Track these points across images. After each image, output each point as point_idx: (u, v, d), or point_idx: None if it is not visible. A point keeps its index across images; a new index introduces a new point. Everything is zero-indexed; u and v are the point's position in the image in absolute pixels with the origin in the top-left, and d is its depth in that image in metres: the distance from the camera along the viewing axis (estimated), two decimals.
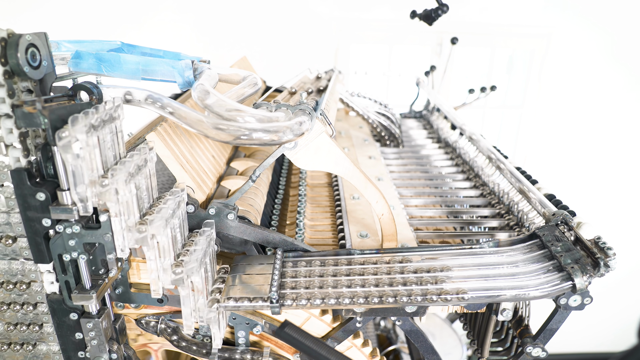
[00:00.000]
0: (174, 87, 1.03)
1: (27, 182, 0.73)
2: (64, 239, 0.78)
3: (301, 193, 1.37)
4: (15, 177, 0.73)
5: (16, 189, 0.73)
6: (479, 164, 1.50)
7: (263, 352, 1.02)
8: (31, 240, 0.78)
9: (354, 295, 0.87)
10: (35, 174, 0.74)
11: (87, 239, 0.78)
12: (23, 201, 0.74)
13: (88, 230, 0.78)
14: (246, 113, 0.86)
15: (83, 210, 0.74)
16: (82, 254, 0.79)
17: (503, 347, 1.19)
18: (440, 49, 3.15)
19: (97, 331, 0.85)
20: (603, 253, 0.87)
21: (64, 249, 0.78)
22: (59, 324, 0.86)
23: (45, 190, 0.74)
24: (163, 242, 0.79)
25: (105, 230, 0.78)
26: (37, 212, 0.75)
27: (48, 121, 0.69)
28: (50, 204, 0.74)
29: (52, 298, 0.85)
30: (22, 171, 0.72)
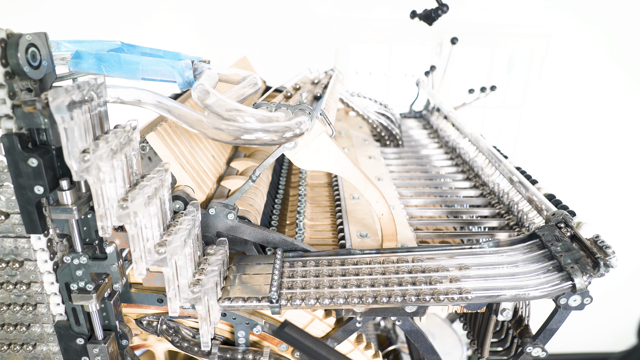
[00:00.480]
0: (174, 87, 1.03)
1: (19, 147, 0.70)
2: (71, 269, 0.80)
3: (301, 193, 1.37)
4: (6, 143, 0.70)
5: (7, 155, 0.71)
6: (479, 164, 1.50)
7: (263, 352, 1.02)
8: (23, 209, 0.75)
9: (355, 295, 0.87)
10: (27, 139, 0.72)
11: (94, 269, 0.80)
12: (14, 168, 0.71)
13: (95, 261, 0.80)
14: (246, 113, 0.86)
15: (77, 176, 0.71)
16: (89, 284, 0.81)
17: (503, 347, 1.19)
18: (440, 49, 3.15)
19: (103, 356, 0.87)
20: (602, 252, 0.87)
21: (71, 278, 0.81)
22: (66, 348, 0.88)
23: (37, 156, 0.71)
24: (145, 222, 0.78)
25: (112, 261, 0.80)
26: (29, 179, 0.72)
27: (48, 121, 0.69)
28: (42, 170, 0.72)
29: (60, 324, 0.87)
30: (13, 136, 0.70)
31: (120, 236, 0.81)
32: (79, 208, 0.75)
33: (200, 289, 0.83)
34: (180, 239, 0.81)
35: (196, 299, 0.82)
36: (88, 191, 0.77)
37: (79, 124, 0.69)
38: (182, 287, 0.82)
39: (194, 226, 0.89)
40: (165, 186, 0.86)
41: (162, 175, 0.86)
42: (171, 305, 0.82)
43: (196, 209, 0.91)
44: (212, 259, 0.91)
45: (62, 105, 0.65)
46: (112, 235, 0.80)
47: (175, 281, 0.80)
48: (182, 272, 0.81)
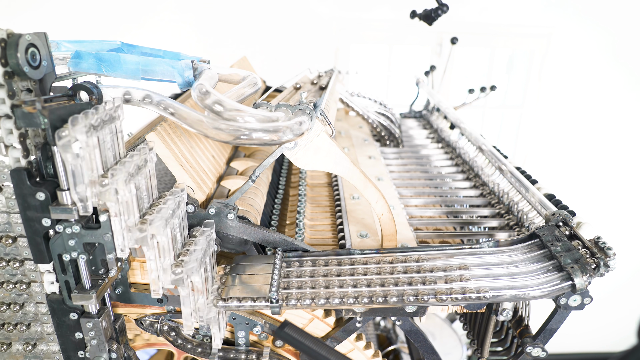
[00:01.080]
0: (174, 87, 1.03)
1: (27, 181, 0.73)
2: (63, 239, 0.78)
3: (301, 193, 1.37)
4: (15, 177, 0.73)
5: (16, 188, 0.73)
6: (479, 164, 1.50)
7: (263, 352, 1.02)
8: (31, 240, 0.78)
9: (355, 295, 0.87)
10: (35, 173, 0.74)
11: (87, 239, 0.78)
12: (23, 201, 0.74)
13: (88, 230, 0.78)
14: (246, 113, 0.86)
15: (83, 210, 0.74)
16: (82, 254, 0.79)
17: (503, 347, 1.19)
18: (440, 49, 3.15)
19: (97, 331, 0.85)
20: (603, 253, 0.87)
21: (64, 248, 0.79)
22: (59, 323, 0.86)
23: (45, 190, 0.74)
24: (163, 242, 0.79)
25: (105, 230, 0.78)
26: (36, 211, 0.75)
27: (48, 121, 0.69)
28: (50, 203, 0.74)
29: (52, 298, 0.85)
30: (21, 171, 0.73)
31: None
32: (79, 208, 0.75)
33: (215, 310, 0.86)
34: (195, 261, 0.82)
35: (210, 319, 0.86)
36: None
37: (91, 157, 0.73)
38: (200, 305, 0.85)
39: (209, 245, 0.90)
40: (181, 207, 0.89)
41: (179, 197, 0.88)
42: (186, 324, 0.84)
43: (210, 228, 0.92)
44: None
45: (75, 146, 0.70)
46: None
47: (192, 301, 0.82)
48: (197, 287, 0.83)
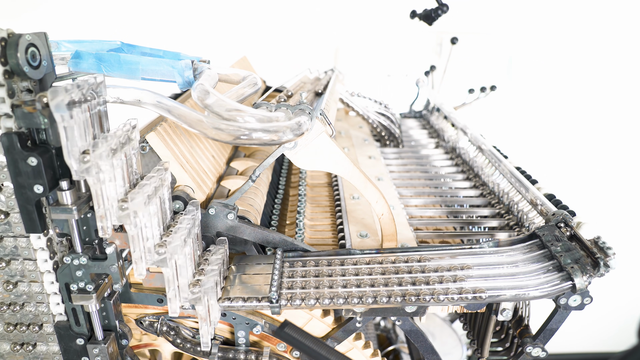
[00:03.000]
0: (174, 87, 1.03)
1: (18, 145, 0.70)
2: (71, 270, 0.80)
3: (301, 193, 1.37)
4: (5, 142, 0.70)
5: (7, 154, 0.70)
6: (479, 164, 1.50)
7: (263, 352, 1.02)
8: (22, 209, 0.75)
9: (355, 295, 0.87)
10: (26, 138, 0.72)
11: (94, 269, 0.80)
12: (14, 167, 0.71)
13: (95, 261, 0.80)
14: (246, 113, 0.86)
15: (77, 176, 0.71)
16: (89, 284, 0.81)
17: (503, 347, 1.19)
18: (440, 49, 3.15)
19: (103, 356, 0.87)
20: (603, 253, 0.87)
21: (71, 278, 0.81)
22: (66, 349, 0.88)
23: (36, 155, 0.71)
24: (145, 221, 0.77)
25: (112, 261, 0.80)
26: (28, 178, 0.72)
27: (48, 121, 0.69)
28: (41, 169, 0.71)
29: (60, 325, 0.87)
30: (12, 135, 0.69)
31: (120, 237, 0.80)
32: (78, 208, 0.75)
33: (200, 289, 0.83)
34: (180, 238, 0.81)
35: (196, 299, 0.82)
36: (88, 191, 0.77)
37: (78, 123, 0.69)
38: (182, 287, 0.82)
39: (194, 225, 0.89)
40: (165, 185, 0.86)
41: (162, 175, 0.86)
42: (171, 306, 0.82)
43: (196, 209, 0.91)
44: (212, 258, 0.91)
45: (61, 104, 0.65)
46: (112, 235, 0.80)
47: (175, 281, 0.80)
48: (182, 272, 0.81)
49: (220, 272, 0.91)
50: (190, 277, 0.85)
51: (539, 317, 1.04)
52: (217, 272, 0.88)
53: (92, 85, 0.75)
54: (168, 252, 0.78)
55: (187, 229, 0.85)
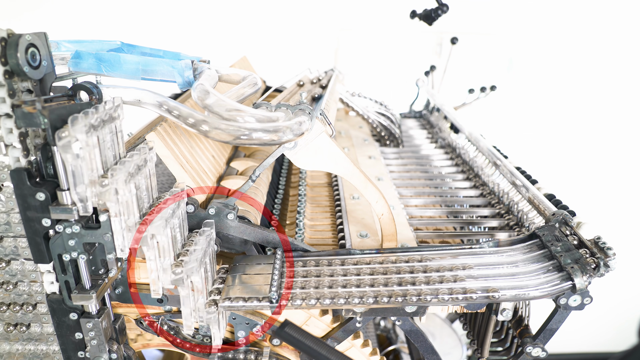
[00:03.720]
0: (174, 87, 1.03)
1: (27, 182, 0.73)
2: (63, 238, 0.78)
3: (301, 193, 1.37)
4: (15, 177, 0.73)
5: (16, 189, 0.73)
6: (479, 164, 1.50)
7: (263, 352, 1.02)
8: (31, 240, 0.78)
9: (355, 295, 0.87)
10: (35, 173, 0.74)
11: (87, 238, 0.78)
12: (23, 201, 0.74)
13: (88, 230, 0.78)
14: (246, 113, 0.86)
15: (83, 210, 0.74)
16: (82, 254, 0.79)
17: (503, 347, 1.19)
18: (440, 49, 3.15)
19: (97, 331, 0.85)
20: (603, 253, 0.87)
21: (64, 248, 0.78)
22: (59, 323, 0.86)
23: (45, 190, 0.73)
24: (163, 242, 0.79)
25: (105, 230, 0.78)
26: (36, 212, 0.75)
27: (48, 121, 0.69)
28: (50, 204, 0.74)
29: (52, 298, 0.85)
30: (21, 171, 0.72)
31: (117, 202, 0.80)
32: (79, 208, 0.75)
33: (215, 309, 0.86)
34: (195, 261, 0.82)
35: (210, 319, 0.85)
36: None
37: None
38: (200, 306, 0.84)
39: (209, 245, 0.90)
40: (181, 207, 0.88)
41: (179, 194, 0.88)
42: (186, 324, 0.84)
43: (210, 228, 0.92)
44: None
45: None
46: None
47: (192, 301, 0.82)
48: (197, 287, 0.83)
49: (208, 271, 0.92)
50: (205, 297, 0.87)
51: (539, 317, 1.04)
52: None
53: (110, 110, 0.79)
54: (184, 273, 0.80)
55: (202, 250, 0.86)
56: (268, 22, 2.93)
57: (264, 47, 2.97)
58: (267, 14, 2.92)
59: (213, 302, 0.86)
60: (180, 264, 0.80)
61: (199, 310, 0.84)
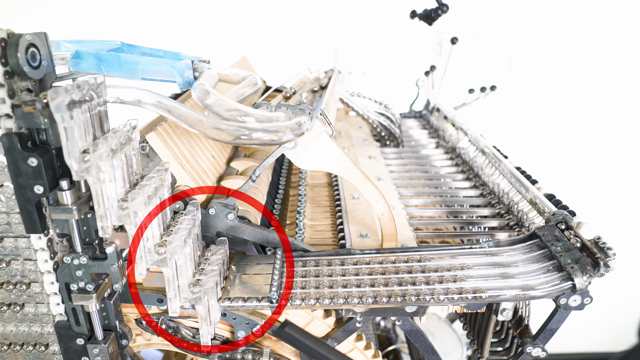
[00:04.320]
0: (174, 87, 1.03)
1: (19, 146, 0.70)
2: (71, 269, 0.80)
3: (301, 193, 1.37)
4: (6, 142, 0.69)
5: (7, 154, 0.70)
6: (479, 164, 1.50)
7: (263, 352, 1.02)
8: (22, 209, 0.75)
9: (355, 295, 0.87)
10: (26, 138, 0.72)
11: (94, 269, 0.80)
12: (14, 167, 0.71)
13: (95, 261, 0.80)
14: (246, 113, 0.86)
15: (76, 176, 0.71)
16: (89, 284, 0.81)
17: (503, 347, 1.19)
18: (440, 49, 3.15)
19: (103, 356, 0.87)
20: (603, 253, 0.87)
21: (71, 278, 0.81)
22: (66, 348, 0.88)
23: (37, 155, 0.71)
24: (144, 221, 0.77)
25: (112, 261, 0.80)
26: (28, 178, 0.72)
27: (48, 121, 0.69)
28: (42, 170, 0.71)
29: (60, 324, 0.87)
30: (13, 135, 0.69)
31: (120, 236, 0.81)
32: (79, 208, 0.75)
33: (200, 289, 0.83)
34: (180, 238, 0.81)
35: (196, 299, 0.82)
36: (88, 191, 0.77)
37: (78, 124, 0.69)
38: (182, 287, 0.82)
39: (194, 226, 0.89)
40: (165, 185, 0.86)
41: (162, 175, 0.86)
42: (171, 306, 0.82)
43: (196, 209, 0.91)
44: (212, 258, 0.91)
45: (61, 104, 0.65)
46: (112, 235, 0.80)
47: (175, 281, 0.81)
48: (182, 272, 0.81)
49: (221, 272, 0.91)
50: (190, 277, 0.85)
51: (539, 317, 1.04)
52: (218, 272, 0.88)
53: (92, 86, 0.75)
54: (168, 252, 0.78)
55: (187, 229, 0.85)
56: (268, 22, 2.93)
57: (264, 47, 2.97)
58: (267, 14, 2.91)
59: (197, 282, 0.85)
60: (164, 244, 0.80)
61: (183, 291, 0.83)
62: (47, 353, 0.92)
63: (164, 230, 0.86)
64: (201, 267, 0.90)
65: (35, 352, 0.91)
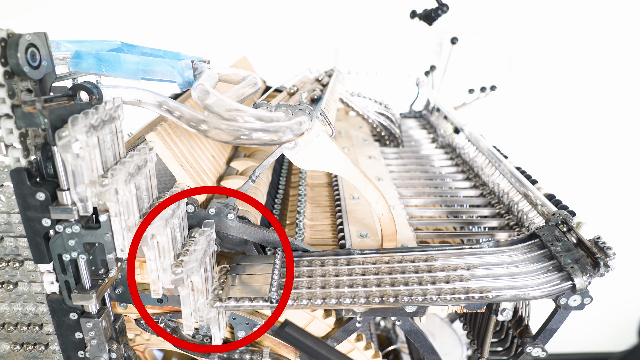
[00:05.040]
0: (174, 87, 1.03)
1: (27, 182, 0.73)
2: (63, 238, 0.78)
3: (301, 193, 1.37)
4: (15, 177, 0.73)
5: (16, 188, 0.73)
6: (479, 164, 1.50)
7: (263, 352, 1.02)
8: (31, 240, 0.78)
9: (355, 295, 0.87)
10: (35, 173, 0.74)
11: (87, 238, 0.78)
12: (23, 201, 0.74)
13: (88, 230, 0.78)
14: (246, 113, 0.86)
15: (83, 210, 0.74)
16: (82, 254, 0.79)
17: (503, 347, 1.19)
18: (440, 49, 3.15)
19: (97, 331, 0.85)
20: (603, 253, 0.87)
21: (64, 248, 0.78)
22: (59, 323, 0.86)
23: (45, 190, 0.73)
24: (163, 242, 0.79)
25: (105, 230, 0.78)
26: (36, 212, 0.75)
27: (48, 121, 0.69)
28: (50, 203, 0.74)
29: (52, 298, 0.85)
30: (22, 171, 0.72)
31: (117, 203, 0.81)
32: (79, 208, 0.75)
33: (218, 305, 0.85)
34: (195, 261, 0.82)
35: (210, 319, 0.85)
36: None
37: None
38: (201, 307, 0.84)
39: (209, 245, 0.90)
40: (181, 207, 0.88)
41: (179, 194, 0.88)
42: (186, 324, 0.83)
43: (210, 228, 0.92)
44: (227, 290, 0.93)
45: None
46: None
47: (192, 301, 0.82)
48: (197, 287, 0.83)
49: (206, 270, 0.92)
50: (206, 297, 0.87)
51: (539, 317, 1.04)
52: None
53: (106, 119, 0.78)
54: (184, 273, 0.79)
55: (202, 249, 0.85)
56: (268, 22, 2.93)
57: (264, 47, 2.97)
58: (267, 14, 2.92)
59: (214, 302, 0.86)
60: (180, 264, 0.80)
61: (199, 310, 0.84)
62: (47, 353, 0.92)
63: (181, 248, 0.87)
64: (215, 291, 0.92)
65: (35, 352, 0.91)
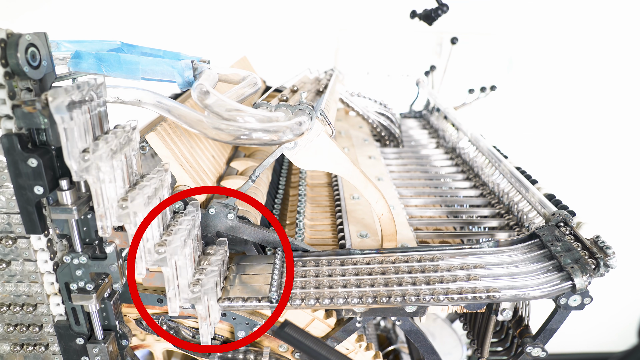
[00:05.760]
0: (174, 87, 1.03)
1: (19, 147, 0.70)
2: (70, 269, 0.80)
3: (301, 193, 1.37)
4: (6, 143, 0.69)
5: (7, 155, 0.70)
6: (479, 164, 1.50)
7: (263, 352, 1.02)
8: (23, 209, 0.75)
9: (355, 295, 0.87)
10: (26, 140, 0.72)
11: (94, 269, 0.80)
12: (14, 168, 0.71)
13: (94, 260, 0.80)
14: (246, 113, 0.86)
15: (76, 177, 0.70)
16: (89, 283, 0.81)
17: (503, 347, 1.19)
18: (440, 49, 3.15)
19: (103, 356, 0.87)
20: (603, 253, 0.87)
21: (71, 277, 0.81)
22: (66, 348, 0.88)
23: (36, 156, 0.71)
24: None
25: (112, 260, 0.80)
26: (28, 179, 0.72)
27: (48, 121, 0.69)
28: (42, 171, 0.71)
29: (59, 324, 0.87)
30: (13, 136, 0.69)
31: (120, 236, 0.81)
32: (78, 208, 0.74)
33: (200, 288, 0.83)
34: (180, 239, 0.81)
35: (196, 298, 0.82)
36: (88, 191, 0.77)
37: (78, 124, 0.69)
38: (182, 287, 0.82)
39: (194, 226, 0.89)
40: (165, 186, 0.86)
41: (162, 176, 0.86)
42: (171, 305, 0.82)
43: (196, 209, 0.91)
44: (212, 259, 0.91)
45: (61, 105, 0.65)
46: (112, 235, 0.80)
47: (175, 281, 0.81)
48: (182, 272, 0.81)
49: (221, 272, 0.91)
50: (190, 277, 0.85)
51: (539, 317, 1.04)
52: (217, 273, 0.88)
53: (92, 87, 0.75)
54: (168, 252, 0.78)
55: (187, 229, 0.85)
56: (268, 22, 2.93)
57: (264, 47, 2.97)
58: (267, 14, 2.92)
59: (197, 282, 0.85)
60: (164, 243, 0.80)
61: (183, 291, 0.83)
62: (47, 353, 0.92)
63: (164, 230, 0.86)
64: (201, 267, 0.90)
65: (35, 352, 0.91)
